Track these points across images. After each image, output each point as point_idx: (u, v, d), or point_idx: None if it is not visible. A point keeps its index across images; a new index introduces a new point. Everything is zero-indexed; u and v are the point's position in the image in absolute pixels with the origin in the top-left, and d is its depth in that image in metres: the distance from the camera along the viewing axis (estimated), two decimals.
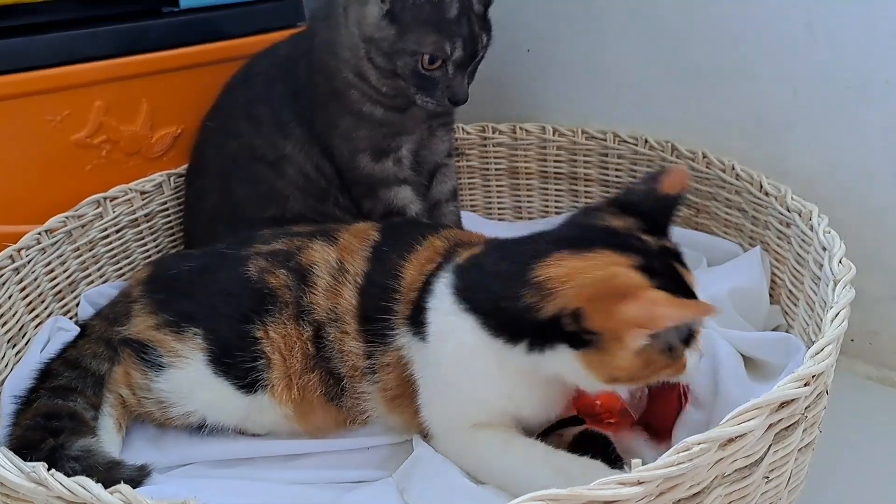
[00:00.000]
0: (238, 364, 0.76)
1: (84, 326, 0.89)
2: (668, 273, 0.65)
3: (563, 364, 0.64)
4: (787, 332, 0.86)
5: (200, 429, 0.79)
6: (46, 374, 0.80)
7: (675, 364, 0.64)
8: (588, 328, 0.61)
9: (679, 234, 1.06)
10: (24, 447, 0.69)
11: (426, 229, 0.83)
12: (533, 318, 0.63)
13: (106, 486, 0.54)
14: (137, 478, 0.70)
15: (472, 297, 0.68)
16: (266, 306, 0.78)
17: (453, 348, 0.69)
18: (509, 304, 0.65)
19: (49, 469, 0.55)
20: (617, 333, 0.60)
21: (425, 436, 0.75)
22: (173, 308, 0.80)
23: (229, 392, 0.77)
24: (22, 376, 0.81)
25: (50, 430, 0.72)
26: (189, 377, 0.77)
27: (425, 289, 0.73)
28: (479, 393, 0.70)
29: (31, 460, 0.58)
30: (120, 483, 0.54)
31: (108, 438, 0.78)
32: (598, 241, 0.66)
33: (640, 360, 0.62)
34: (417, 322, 0.72)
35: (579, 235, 0.68)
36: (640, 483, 0.48)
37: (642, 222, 0.68)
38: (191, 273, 0.83)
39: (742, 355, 0.81)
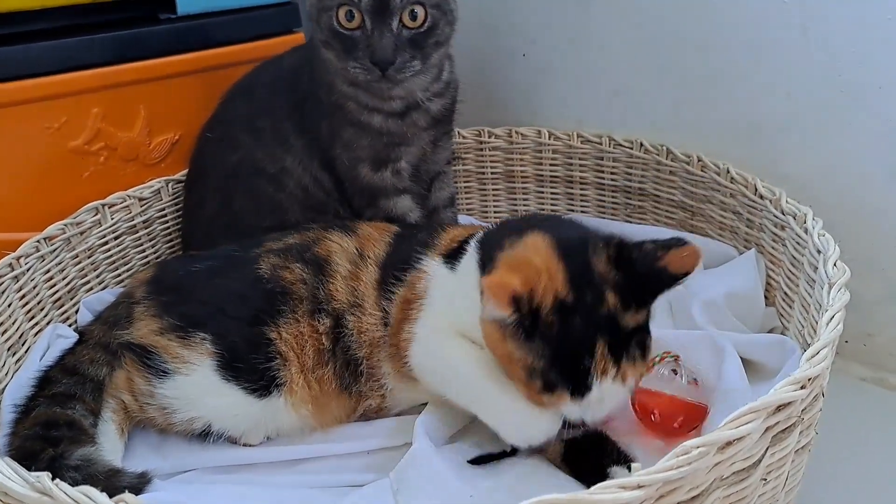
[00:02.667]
0: (251, 367, 0.76)
1: (82, 332, 0.88)
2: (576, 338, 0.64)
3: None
4: (782, 334, 0.87)
5: (204, 435, 0.79)
6: (45, 381, 0.80)
7: (528, 389, 0.66)
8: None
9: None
10: (24, 457, 0.68)
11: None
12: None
13: (107, 495, 0.54)
14: (138, 485, 0.69)
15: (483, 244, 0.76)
16: (279, 306, 0.78)
17: (466, 273, 0.74)
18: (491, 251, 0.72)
19: (53, 479, 0.55)
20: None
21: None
22: (179, 311, 0.80)
23: (240, 397, 0.77)
24: (22, 384, 0.81)
25: (49, 439, 0.71)
26: (196, 383, 0.77)
27: (465, 241, 0.79)
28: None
29: (31, 471, 0.58)
30: (122, 491, 0.54)
31: (110, 444, 0.77)
32: (569, 259, 0.66)
33: (500, 343, 0.65)
34: (451, 257, 0.78)
35: (566, 242, 0.69)
36: (640, 487, 0.49)
37: (626, 281, 0.66)
38: (198, 275, 0.83)
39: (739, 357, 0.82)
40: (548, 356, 0.64)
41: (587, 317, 0.64)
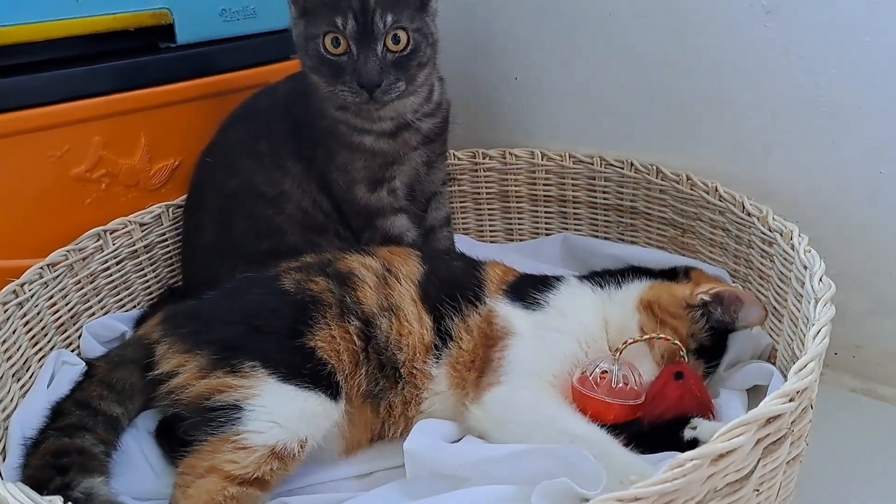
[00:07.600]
0: (312, 375, 0.75)
1: (89, 365, 0.88)
2: None
3: (634, 289, 0.88)
4: (773, 348, 0.89)
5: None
6: (56, 413, 0.79)
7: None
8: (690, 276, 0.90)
9: (668, 259, 1.08)
10: (33, 487, 0.67)
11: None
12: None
13: None
14: None
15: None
16: (311, 314, 0.78)
17: (570, 306, 0.86)
18: None
19: (66, 502, 0.56)
20: (699, 283, 0.87)
21: (472, 401, 0.78)
22: (209, 339, 0.77)
23: (320, 399, 0.74)
24: (30, 411, 0.81)
25: (58, 467, 0.71)
26: (274, 400, 0.72)
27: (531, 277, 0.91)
28: (578, 336, 0.84)
29: None
30: None
31: None
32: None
33: (682, 309, 0.85)
34: (523, 296, 0.86)
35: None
36: (637, 499, 0.51)
37: None
38: (215, 299, 0.83)
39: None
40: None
41: None
